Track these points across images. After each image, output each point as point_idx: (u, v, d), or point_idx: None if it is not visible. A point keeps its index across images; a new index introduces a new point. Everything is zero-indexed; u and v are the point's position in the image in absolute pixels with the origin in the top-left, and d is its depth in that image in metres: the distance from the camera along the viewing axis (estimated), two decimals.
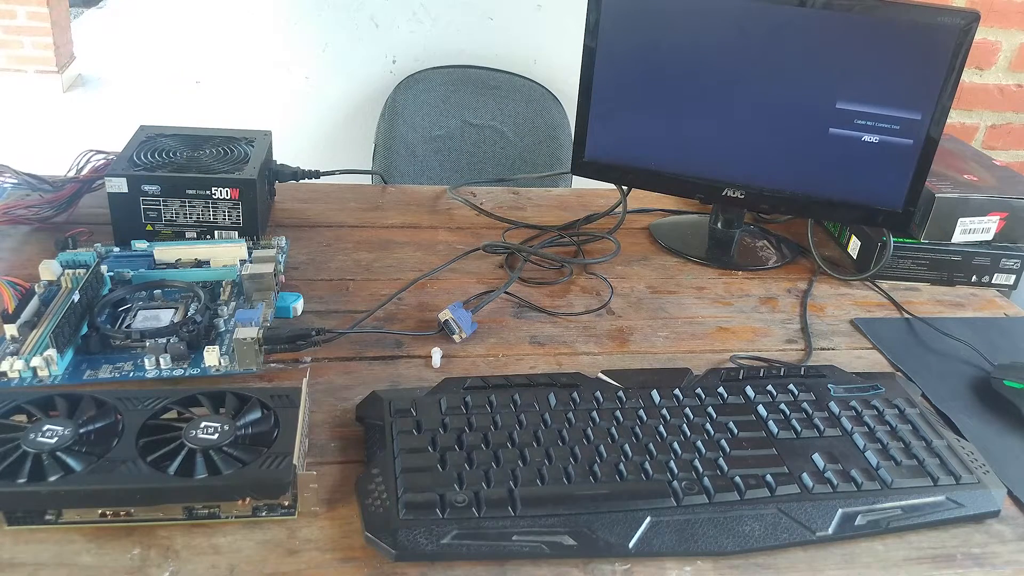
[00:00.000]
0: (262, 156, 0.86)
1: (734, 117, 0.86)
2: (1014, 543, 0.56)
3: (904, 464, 0.59)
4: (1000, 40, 1.67)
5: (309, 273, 0.82)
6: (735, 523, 0.53)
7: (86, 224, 0.84)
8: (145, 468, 0.50)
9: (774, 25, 0.81)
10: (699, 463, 0.57)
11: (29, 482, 0.48)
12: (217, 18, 1.67)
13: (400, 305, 0.78)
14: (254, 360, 0.65)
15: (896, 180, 0.83)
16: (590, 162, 0.92)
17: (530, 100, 1.71)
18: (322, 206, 0.97)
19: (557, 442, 0.58)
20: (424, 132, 1.66)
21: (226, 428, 0.52)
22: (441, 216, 0.98)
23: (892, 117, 0.81)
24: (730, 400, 0.64)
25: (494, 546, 0.50)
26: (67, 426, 0.51)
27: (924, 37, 0.77)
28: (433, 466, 0.55)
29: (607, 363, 0.72)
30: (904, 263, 0.90)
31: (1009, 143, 1.82)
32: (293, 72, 1.72)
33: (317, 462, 0.58)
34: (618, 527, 0.52)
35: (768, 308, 0.84)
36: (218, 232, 0.82)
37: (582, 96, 0.89)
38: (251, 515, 0.52)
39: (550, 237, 0.94)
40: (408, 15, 1.68)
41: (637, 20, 0.84)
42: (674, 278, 0.89)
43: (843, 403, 0.64)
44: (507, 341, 0.74)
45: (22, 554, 0.48)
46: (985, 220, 0.88)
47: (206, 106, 1.74)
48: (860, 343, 0.79)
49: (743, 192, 0.89)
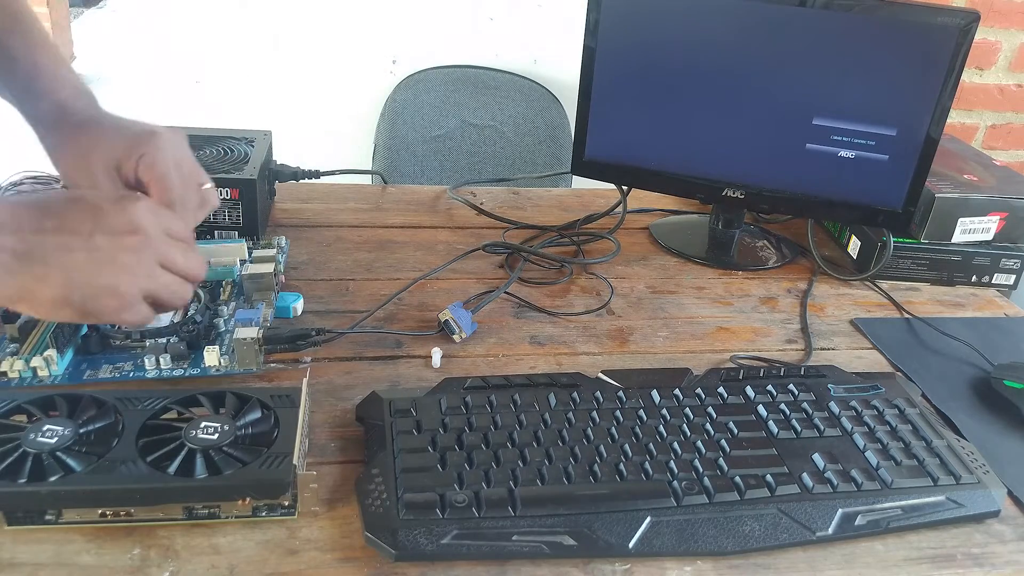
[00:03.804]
0: (262, 156, 0.86)
1: (734, 117, 0.86)
2: (1014, 543, 0.56)
3: (904, 464, 0.59)
4: (1000, 40, 1.67)
5: (309, 273, 0.82)
6: (735, 523, 0.53)
7: None
8: (145, 468, 0.50)
9: (774, 25, 0.81)
10: (699, 463, 0.57)
11: (29, 482, 0.48)
12: (217, 18, 1.67)
13: (400, 305, 0.78)
14: (254, 360, 0.65)
15: (896, 180, 0.83)
16: (590, 162, 0.92)
17: (530, 100, 1.71)
18: (322, 206, 0.97)
19: (557, 442, 0.58)
20: (424, 132, 1.66)
21: (226, 428, 0.52)
22: (441, 216, 0.98)
23: (892, 117, 0.81)
24: (730, 400, 0.64)
25: (494, 546, 0.50)
26: (67, 426, 0.51)
27: (924, 37, 0.77)
28: (433, 466, 0.55)
29: (607, 363, 0.72)
30: (904, 263, 0.90)
31: (1009, 143, 1.82)
32: (293, 72, 1.71)
33: (317, 462, 0.58)
34: (618, 527, 0.52)
35: (768, 308, 0.84)
36: (218, 232, 0.82)
37: (582, 96, 0.89)
38: (251, 515, 0.52)
39: (550, 237, 0.94)
40: (408, 15, 1.68)
41: (637, 20, 0.84)
42: (674, 278, 0.89)
43: (843, 403, 0.64)
44: (507, 341, 0.74)
45: (22, 554, 0.48)
46: (985, 220, 0.88)
47: (206, 106, 1.73)
48: (860, 343, 0.79)
49: (743, 192, 0.89)
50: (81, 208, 0.51)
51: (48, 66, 0.65)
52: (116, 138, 0.61)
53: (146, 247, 0.52)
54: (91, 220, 0.51)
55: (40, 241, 0.49)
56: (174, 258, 0.54)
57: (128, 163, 0.60)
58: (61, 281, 0.49)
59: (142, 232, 0.52)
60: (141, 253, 0.52)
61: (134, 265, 0.51)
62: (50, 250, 0.49)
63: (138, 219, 0.52)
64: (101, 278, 0.50)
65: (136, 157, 0.59)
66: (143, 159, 0.59)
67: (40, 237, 0.49)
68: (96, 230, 0.51)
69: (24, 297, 0.49)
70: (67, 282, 0.49)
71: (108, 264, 0.50)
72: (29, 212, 0.50)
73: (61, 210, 0.51)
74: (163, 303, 0.55)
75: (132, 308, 0.53)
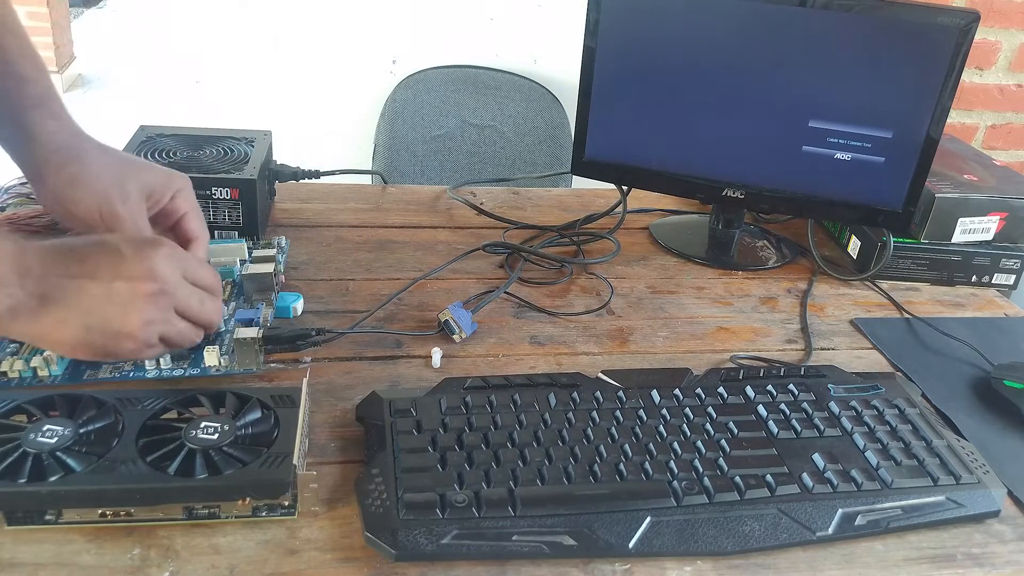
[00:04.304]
0: (262, 156, 0.86)
1: (734, 117, 0.86)
2: (1014, 543, 0.56)
3: (904, 464, 0.59)
4: (1000, 40, 1.67)
5: (309, 273, 0.82)
6: (735, 523, 0.53)
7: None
8: (145, 468, 0.50)
9: (774, 25, 0.81)
10: (699, 463, 0.57)
11: (29, 482, 0.48)
12: (217, 18, 1.67)
13: (400, 305, 0.78)
14: (254, 360, 0.65)
15: (896, 180, 0.83)
16: (590, 162, 0.92)
17: (530, 100, 1.71)
18: (322, 206, 0.97)
19: (557, 442, 0.58)
20: (424, 132, 1.66)
21: (226, 428, 0.52)
22: (441, 216, 0.98)
23: (892, 117, 0.81)
24: (730, 400, 0.64)
25: (494, 546, 0.50)
26: (67, 426, 0.51)
27: (924, 37, 0.77)
28: (433, 466, 0.55)
29: (607, 363, 0.72)
30: (904, 263, 0.90)
31: (1009, 143, 1.82)
32: (293, 72, 1.72)
33: (317, 462, 0.58)
34: (618, 527, 0.52)
35: (768, 308, 0.84)
36: (218, 232, 0.82)
37: (582, 96, 0.89)
38: (251, 515, 0.52)
39: (550, 237, 0.94)
40: (408, 15, 1.68)
41: (637, 20, 0.84)
42: (674, 278, 0.89)
43: (843, 403, 0.64)
44: (507, 341, 0.74)
45: (22, 554, 0.48)
46: (985, 220, 0.88)
47: (206, 106, 1.74)
48: (860, 343, 0.79)
49: (743, 192, 0.89)
50: (103, 253, 0.53)
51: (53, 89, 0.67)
52: (151, 169, 0.66)
53: (162, 295, 0.54)
54: (112, 266, 0.53)
55: (62, 284, 0.51)
56: (190, 305, 0.57)
57: (164, 194, 0.65)
58: (80, 324, 0.52)
59: (160, 280, 0.54)
60: (158, 300, 0.54)
61: (150, 311, 0.54)
62: (71, 294, 0.51)
63: (157, 267, 0.54)
64: (118, 323, 0.53)
65: (174, 190, 0.66)
66: (180, 193, 0.66)
67: (63, 281, 0.51)
68: (116, 276, 0.53)
69: (45, 338, 0.52)
70: (86, 325, 0.52)
71: (125, 310, 0.53)
72: (55, 257, 0.52)
73: (85, 254, 0.53)
74: (174, 345, 0.58)
75: (148, 350, 0.56)
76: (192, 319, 0.57)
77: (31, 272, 0.50)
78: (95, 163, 0.64)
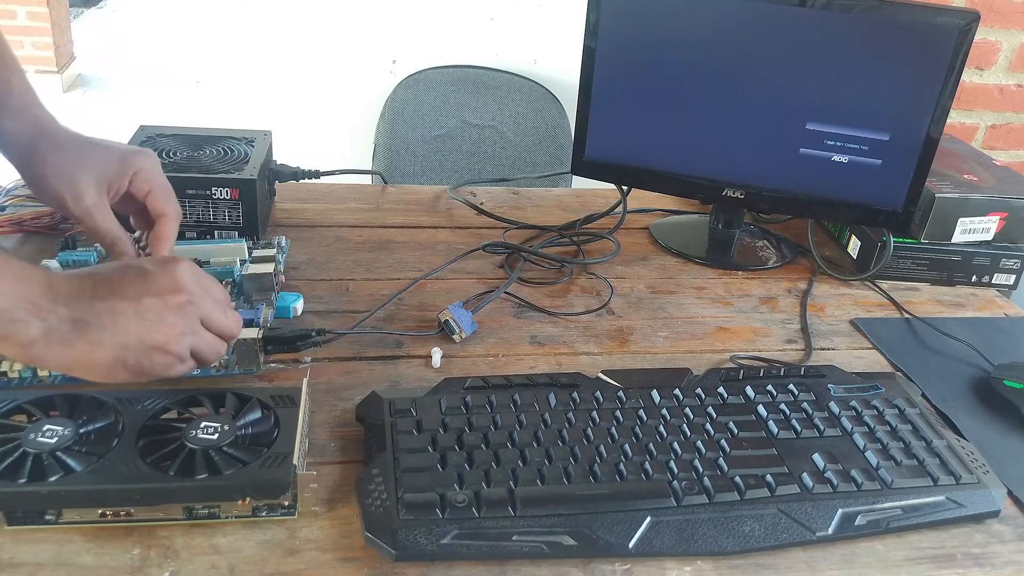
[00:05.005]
0: (262, 156, 0.86)
1: (734, 117, 0.86)
2: (1014, 543, 0.56)
3: (904, 464, 0.59)
4: (1000, 40, 1.67)
5: (309, 273, 0.82)
6: (735, 523, 0.53)
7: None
8: (145, 468, 0.50)
9: (774, 25, 0.81)
10: (699, 463, 0.57)
11: (29, 482, 0.48)
12: (217, 18, 1.67)
13: (400, 305, 0.78)
14: (254, 360, 0.65)
15: (895, 181, 0.83)
16: (590, 162, 0.92)
17: (530, 100, 1.71)
18: (322, 206, 0.97)
19: (557, 442, 0.58)
20: (424, 132, 1.66)
21: (226, 428, 0.52)
22: (441, 216, 0.98)
23: (891, 118, 0.81)
24: (730, 400, 0.64)
25: (494, 546, 0.50)
26: (67, 426, 0.51)
27: (924, 37, 0.77)
28: (433, 466, 0.55)
29: (607, 363, 0.72)
30: (904, 263, 0.90)
31: (1009, 143, 1.82)
32: (293, 72, 1.72)
33: (317, 462, 0.58)
34: (618, 527, 0.52)
35: (768, 308, 0.84)
36: (218, 232, 0.82)
37: (582, 96, 0.89)
38: (251, 515, 0.52)
39: (550, 237, 0.94)
40: (408, 15, 1.68)
41: (637, 20, 0.84)
42: (674, 278, 0.89)
43: (843, 403, 0.64)
44: (507, 341, 0.74)
45: (22, 554, 0.48)
46: (985, 220, 0.88)
47: (206, 106, 1.74)
48: (860, 343, 0.79)
49: (743, 192, 0.89)
50: (129, 273, 0.54)
51: (20, 86, 0.67)
52: (107, 155, 0.65)
53: (190, 304, 0.55)
54: (139, 283, 0.53)
55: (93, 307, 0.51)
56: (214, 316, 0.57)
57: (122, 180, 0.65)
58: (115, 344, 0.51)
59: (186, 291, 0.54)
60: (186, 311, 0.54)
61: (181, 323, 0.54)
62: (103, 315, 0.51)
63: (182, 278, 0.55)
64: (151, 338, 0.53)
65: (130, 173, 0.65)
66: (138, 175, 0.65)
67: (94, 304, 0.51)
68: (144, 292, 0.53)
69: (81, 364, 0.51)
70: (120, 345, 0.52)
71: (157, 324, 0.53)
72: (82, 283, 0.52)
73: (111, 277, 0.53)
74: (203, 359, 0.57)
75: (181, 364, 0.55)
76: (216, 329, 0.57)
77: (61, 298, 0.50)
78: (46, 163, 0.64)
